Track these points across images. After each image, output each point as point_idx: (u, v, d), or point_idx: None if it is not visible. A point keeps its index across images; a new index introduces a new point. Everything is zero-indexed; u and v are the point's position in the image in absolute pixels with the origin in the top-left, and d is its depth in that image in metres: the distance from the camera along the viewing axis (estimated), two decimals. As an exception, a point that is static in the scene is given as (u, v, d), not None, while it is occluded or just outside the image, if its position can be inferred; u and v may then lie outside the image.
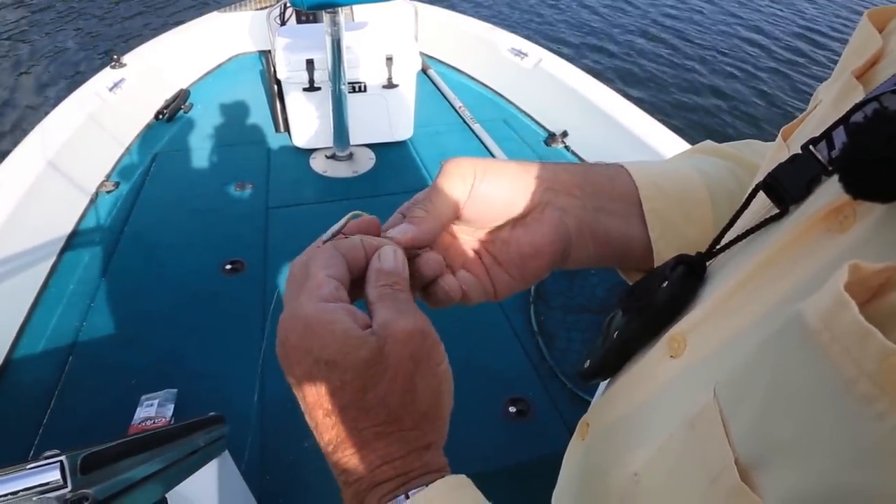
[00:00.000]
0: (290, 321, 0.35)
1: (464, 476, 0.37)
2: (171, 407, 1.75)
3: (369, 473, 0.35)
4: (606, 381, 0.48)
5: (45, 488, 0.51)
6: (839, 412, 0.21)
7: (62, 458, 0.53)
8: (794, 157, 0.33)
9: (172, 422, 1.70)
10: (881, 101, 0.28)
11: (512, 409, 1.79)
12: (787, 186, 0.33)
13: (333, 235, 0.40)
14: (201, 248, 2.40)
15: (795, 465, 0.23)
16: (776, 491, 0.24)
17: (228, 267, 2.29)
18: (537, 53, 3.36)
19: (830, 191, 0.29)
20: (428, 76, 3.69)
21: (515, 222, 0.45)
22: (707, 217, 0.46)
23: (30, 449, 1.65)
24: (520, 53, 3.38)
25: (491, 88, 3.63)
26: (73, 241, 2.40)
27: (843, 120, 0.30)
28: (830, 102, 0.36)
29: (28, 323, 2.02)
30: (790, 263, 0.30)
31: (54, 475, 0.52)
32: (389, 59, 2.83)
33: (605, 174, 0.46)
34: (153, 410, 1.72)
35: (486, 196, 0.43)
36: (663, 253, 0.45)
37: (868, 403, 0.20)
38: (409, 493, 0.35)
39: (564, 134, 3.10)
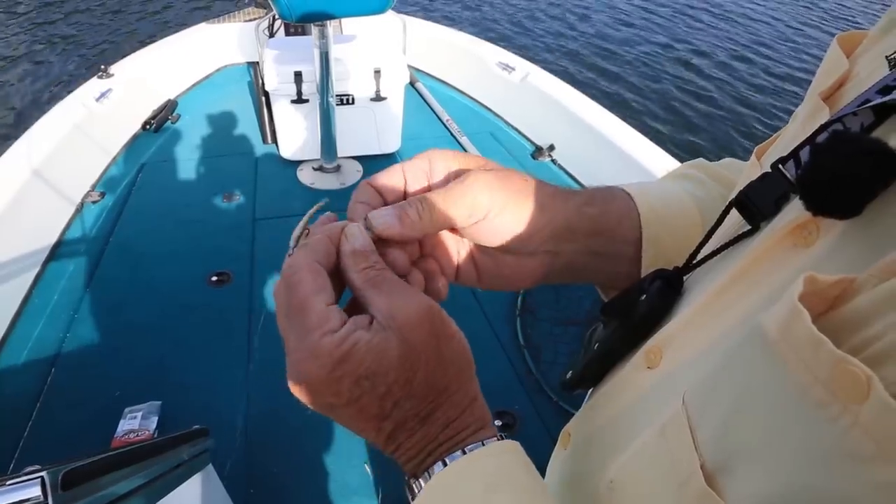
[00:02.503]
0: (312, 362, 0.34)
1: (517, 443, 0.38)
2: (155, 419, 1.73)
3: (432, 442, 0.37)
4: (589, 393, 0.49)
5: (26, 505, 0.51)
6: (796, 417, 0.23)
7: (43, 473, 0.53)
8: (763, 176, 0.34)
9: (156, 434, 1.69)
10: (844, 122, 0.30)
11: (498, 423, 1.79)
12: (757, 204, 0.34)
13: (297, 241, 0.39)
14: (187, 260, 2.38)
15: (757, 468, 0.25)
16: (739, 494, 0.25)
17: (215, 278, 2.28)
18: (525, 67, 3.39)
19: (797, 207, 0.30)
20: (416, 89, 3.70)
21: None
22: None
23: (10, 461, 1.63)
24: (507, 67, 3.41)
25: (478, 102, 3.65)
26: (58, 251, 2.38)
27: (810, 140, 0.31)
28: (799, 123, 0.37)
29: (10, 333, 2.00)
30: (759, 277, 0.32)
31: (34, 491, 0.51)
32: (377, 72, 2.84)
33: (616, 214, 0.46)
34: (136, 423, 1.70)
35: (492, 229, 0.42)
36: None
37: (822, 408, 0.21)
38: (466, 449, 0.36)
39: (551, 147, 3.12)
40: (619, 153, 2.64)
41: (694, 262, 0.40)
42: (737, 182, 0.50)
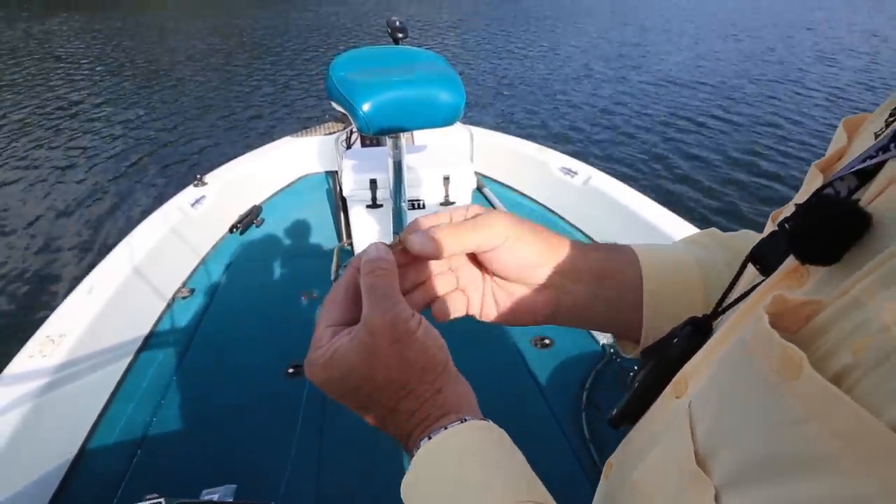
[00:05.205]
0: (309, 370, 0.46)
1: (482, 423, 0.46)
2: (230, 501, 1.79)
3: (403, 426, 0.46)
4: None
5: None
6: (758, 399, 0.28)
7: (161, 500, 0.62)
8: (772, 233, 0.41)
9: (231, 516, 1.74)
10: (834, 186, 0.35)
11: (564, 517, 1.76)
12: (768, 256, 0.41)
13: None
14: (267, 352, 2.51)
15: (732, 447, 0.30)
16: (721, 471, 0.31)
17: (291, 370, 2.39)
18: (586, 171, 3.51)
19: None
20: (483, 194, 3.87)
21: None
22: (698, 301, 0.55)
23: (97, 537, 1.72)
24: (570, 172, 3.54)
25: (543, 205, 3.77)
26: (150, 341, 2.56)
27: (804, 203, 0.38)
28: (804, 187, 0.44)
29: (104, 415, 2.15)
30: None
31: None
32: (447, 179, 3.01)
33: (618, 263, 0.56)
34: (213, 504, 1.77)
35: (507, 258, 0.52)
36: (652, 331, 0.55)
37: (774, 387, 0.27)
38: (431, 435, 0.44)
39: (614, 247, 3.16)
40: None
41: (720, 308, 0.47)
42: (742, 247, 0.59)
